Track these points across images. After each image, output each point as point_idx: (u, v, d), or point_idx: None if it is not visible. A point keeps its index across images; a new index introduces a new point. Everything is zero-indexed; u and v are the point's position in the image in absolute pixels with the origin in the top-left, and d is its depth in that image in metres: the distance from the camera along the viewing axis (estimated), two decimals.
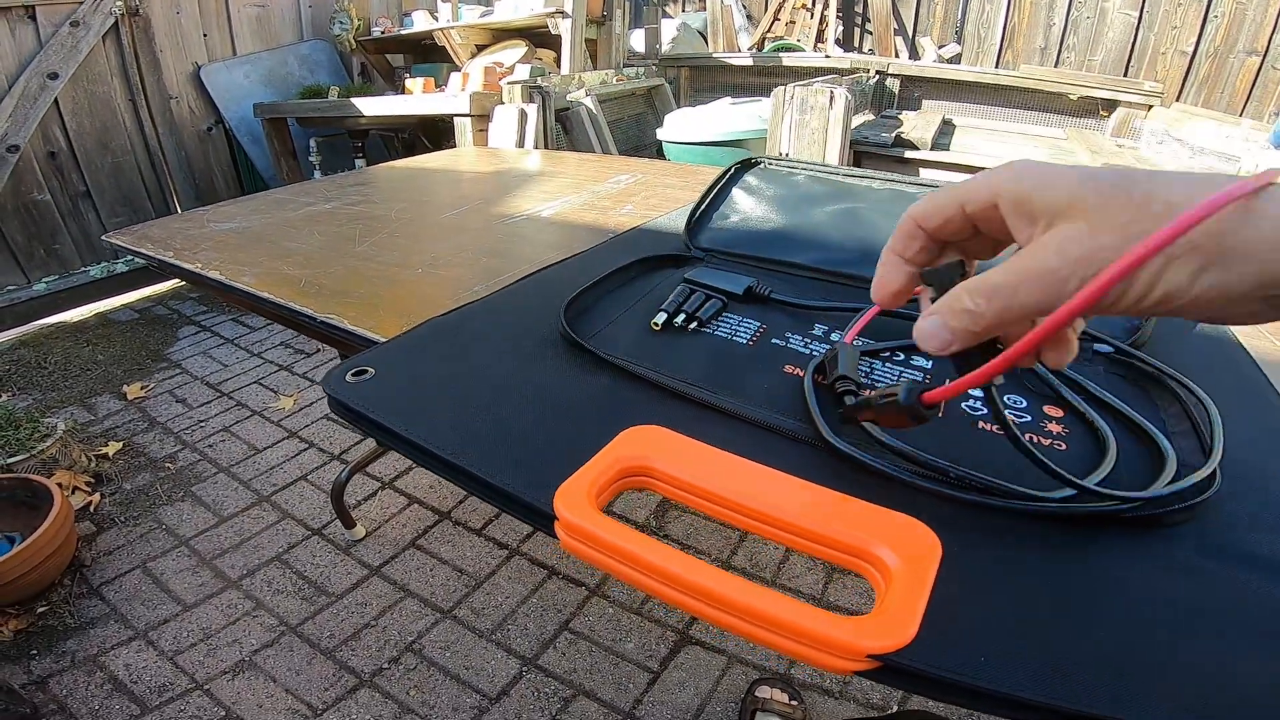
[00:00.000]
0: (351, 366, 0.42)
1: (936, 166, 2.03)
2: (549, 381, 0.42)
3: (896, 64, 3.12)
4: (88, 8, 2.29)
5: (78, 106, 2.36)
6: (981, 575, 0.30)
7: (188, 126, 2.71)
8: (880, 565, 0.29)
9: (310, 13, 3.07)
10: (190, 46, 2.67)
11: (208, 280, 0.70)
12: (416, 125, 2.77)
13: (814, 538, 0.30)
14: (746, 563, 1.34)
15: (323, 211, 0.93)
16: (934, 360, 0.46)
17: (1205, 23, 2.82)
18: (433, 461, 0.35)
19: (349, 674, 1.12)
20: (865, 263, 0.60)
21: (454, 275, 0.66)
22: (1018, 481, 0.34)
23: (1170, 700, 0.24)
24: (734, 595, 0.27)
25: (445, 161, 1.34)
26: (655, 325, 0.49)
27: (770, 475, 0.33)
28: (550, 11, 2.42)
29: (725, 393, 0.41)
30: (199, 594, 1.28)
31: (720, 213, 0.68)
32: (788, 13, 3.85)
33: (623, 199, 0.97)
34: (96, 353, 2.20)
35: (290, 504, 1.52)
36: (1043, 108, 2.88)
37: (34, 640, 1.18)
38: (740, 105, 2.35)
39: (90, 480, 1.56)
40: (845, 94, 1.73)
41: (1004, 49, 3.40)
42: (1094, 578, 0.30)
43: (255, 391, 1.96)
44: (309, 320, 0.58)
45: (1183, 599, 0.29)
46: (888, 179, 0.71)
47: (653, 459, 0.34)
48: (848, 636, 0.25)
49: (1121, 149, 2.33)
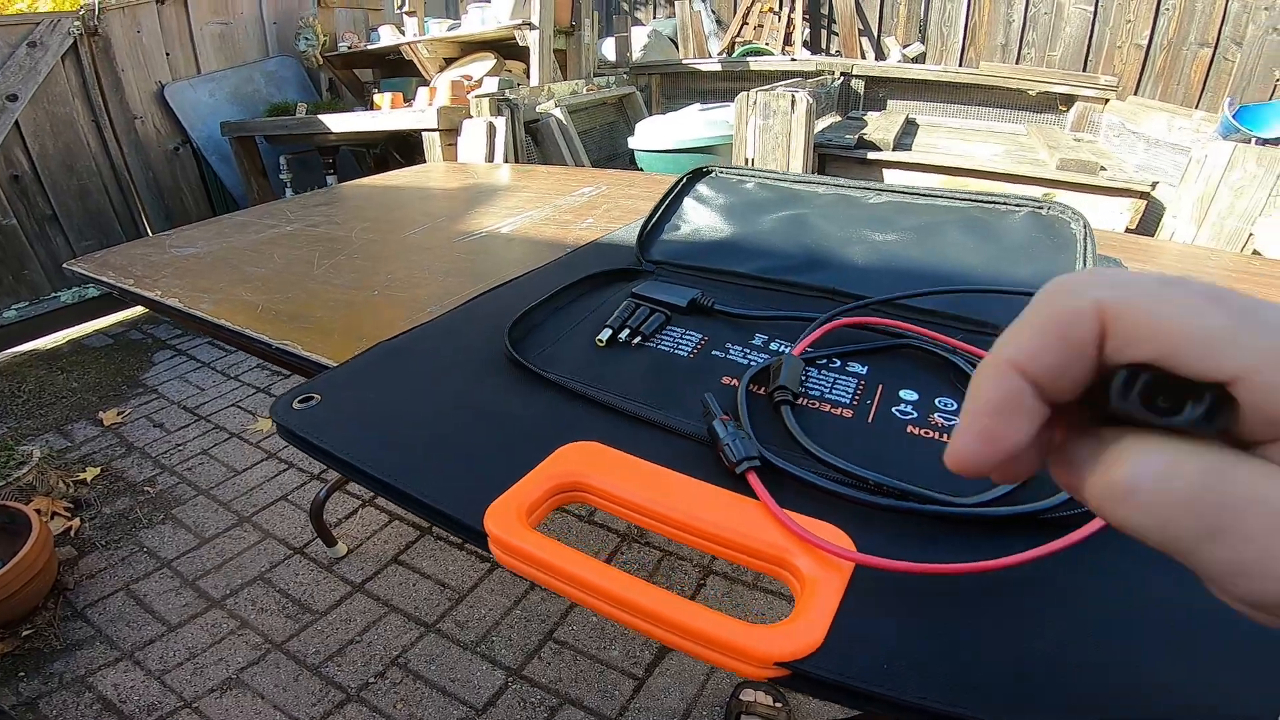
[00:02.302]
0: (298, 394, 0.43)
1: (899, 167, 2.07)
2: (491, 401, 0.43)
3: (860, 65, 3.16)
4: (44, 28, 2.26)
5: (39, 128, 2.33)
6: (893, 581, 0.30)
7: (154, 146, 2.69)
8: (797, 572, 0.30)
9: (275, 29, 3.06)
10: (153, 65, 2.65)
11: (167, 307, 0.71)
12: (388, 140, 2.77)
13: (736, 546, 0.32)
14: (728, 568, 1.35)
15: (284, 234, 0.94)
16: (868, 367, 0.48)
17: (1158, 16, 2.90)
18: (373, 484, 0.36)
19: (336, 689, 1.12)
20: (809, 269, 0.61)
21: (410, 296, 0.67)
22: (948, 486, 0.34)
23: (1073, 704, 0.24)
24: (652, 605, 0.28)
25: (412, 178, 1.35)
26: (600, 341, 0.50)
27: (697, 486, 0.34)
28: (517, 23, 2.43)
29: (666, 406, 0.43)
30: (183, 614, 1.28)
31: (671, 224, 0.69)
32: (755, 16, 3.89)
33: (585, 212, 0.98)
34: (71, 380, 2.18)
35: (271, 524, 1.51)
36: (1004, 104, 2.94)
37: (20, 663, 1.18)
38: (709, 111, 2.37)
39: (69, 505, 1.55)
40: (807, 97, 1.76)
41: (966, 47, 3.47)
42: (1006, 581, 0.30)
43: (233, 414, 1.95)
44: (265, 346, 0.59)
45: (1092, 601, 0.29)
46: (835, 184, 0.73)
47: (587, 474, 0.35)
48: (757, 645, 0.26)
49: (1080, 143, 2.38)
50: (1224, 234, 1.65)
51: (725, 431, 0.37)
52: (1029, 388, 0.15)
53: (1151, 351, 0.14)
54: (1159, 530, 0.14)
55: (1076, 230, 0.62)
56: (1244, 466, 0.13)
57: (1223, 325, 0.13)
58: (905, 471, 0.36)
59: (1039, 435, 0.16)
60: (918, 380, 0.47)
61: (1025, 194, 0.79)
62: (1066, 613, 0.29)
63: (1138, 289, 0.14)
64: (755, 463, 0.35)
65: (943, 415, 0.43)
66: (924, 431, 0.42)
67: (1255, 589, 0.13)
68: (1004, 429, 0.15)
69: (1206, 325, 0.13)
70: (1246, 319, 0.13)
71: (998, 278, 0.58)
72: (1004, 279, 0.58)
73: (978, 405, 0.16)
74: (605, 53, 3.44)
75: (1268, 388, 0.13)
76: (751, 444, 0.36)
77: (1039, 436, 0.16)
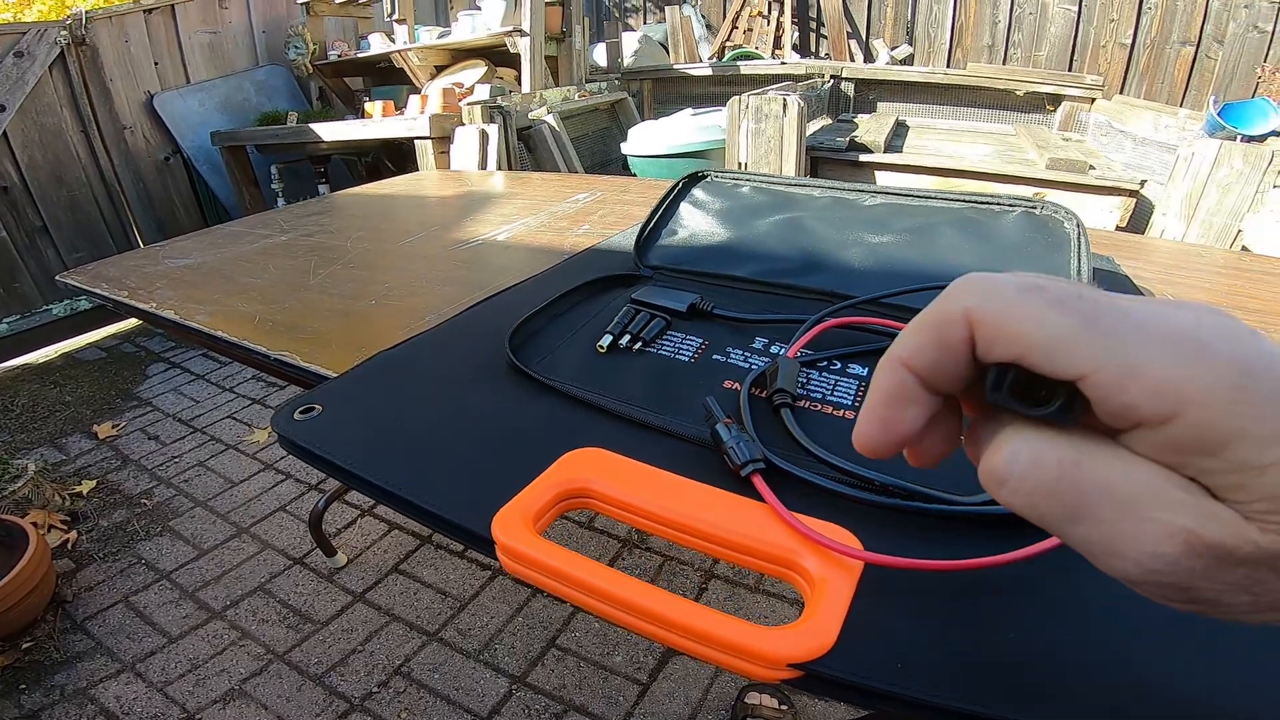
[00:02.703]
0: (299, 404, 0.43)
1: (890, 169, 2.08)
2: (493, 409, 0.43)
3: (850, 68, 3.19)
4: (31, 38, 2.25)
5: (28, 139, 2.32)
6: (903, 581, 0.30)
7: (144, 156, 2.68)
8: (806, 574, 0.30)
9: (265, 38, 3.06)
10: (141, 75, 2.64)
11: (162, 319, 0.70)
12: (379, 148, 2.77)
13: (744, 550, 0.32)
14: (730, 571, 1.35)
15: (279, 244, 0.93)
16: (868, 369, 0.48)
17: (1140, 15, 2.93)
18: (378, 494, 0.36)
19: (339, 699, 1.12)
20: (806, 272, 0.62)
21: (407, 305, 0.67)
22: (955, 486, 0.34)
23: (1086, 701, 0.25)
24: (663, 610, 0.28)
25: (405, 186, 1.35)
26: (601, 348, 0.50)
27: (703, 490, 0.34)
28: (508, 30, 2.44)
29: (668, 410, 0.43)
30: (184, 625, 1.27)
31: (668, 229, 0.70)
32: (745, 20, 3.91)
33: (580, 219, 0.98)
34: (64, 393, 2.16)
35: (270, 535, 1.51)
36: (992, 105, 2.96)
37: (21, 675, 1.18)
38: (701, 116, 2.38)
39: (66, 518, 1.55)
40: (798, 101, 1.77)
41: (954, 48, 3.50)
42: (1016, 578, 0.30)
43: (229, 426, 1.94)
44: (262, 358, 0.59)
45: (1106, 596, 0.29)
46: (829, 186, 0.73)
47: (592, 480, 0.35)
48: (769, 647, 0.26)
49: (1068, 142, 2.40)
50: (1213, 230, 1.66)
51: (729, 435, 0.37)
52: (915, 381, 0.17)
53: (1010, 354, 0.15)
54: (1031, 512, 0.15)
55: (1070, 229, 0.63)
56: (1100, 455, 0.15)
57: (1066, 331, 0.14)
58: (909, 472, 0.36)
59: (940, 422, 0.18)
60: None
61: (1016, 194, 0.80)
62: (1080, 609, 0.29)
63: (997, 297, 0.15)
64: (760, 465, 0.35)
65: None
66: None
67: (1116, 566, 0.14)
68: (896, 416, 0.18)
69: (1051, 331, 0.15)
70: (1089, 325, 0.14)
71: None
72: None
73: (873, 396, 0.18)
74: (596, 59, 3.45)
75: (1107, 385, 0.14)
76: (755, 446, 0.36)
77: (941, 423, 0.18)
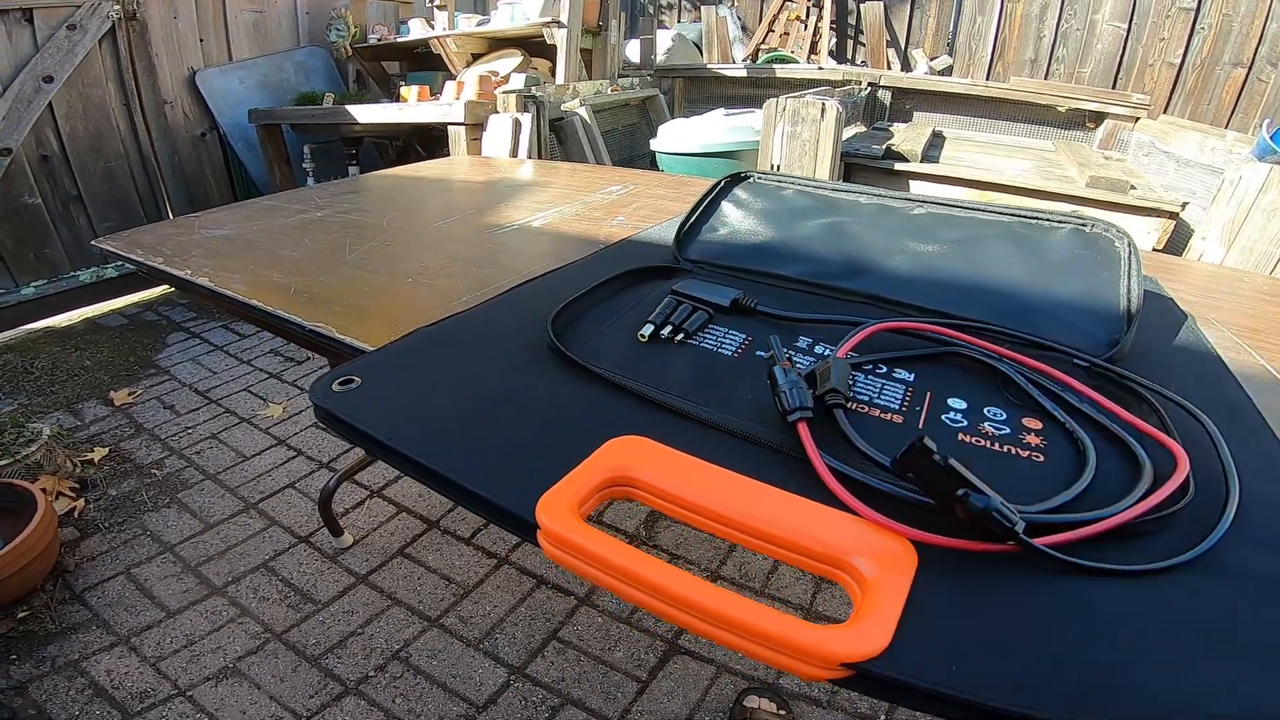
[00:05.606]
0: (338, 375, 0.42)
1: (926, 179, 2.05)
2: (535, 392, 0.42)
3: (888, 76, 3.15)
4: (85, 11, 2.29)
5: (72, 110, 2.36)
6: (956, 585, 0.30)
7: (182, 132, 2.71)
8: (857, 575, 0.29)
9: (307, 19, 3.08)
10: (186, 51, 2.67)
11: (197, 286, 0.70)
12: (411, 133, 2.78)
13: (793, 547, 0.31)
14: (735, 573, 1.34)
15: (314, 219, 0.93)
16: (915, 374, 0.47)
17: (1192, 35, 2.87)
18: (417, 470, 0.36)
19: (335, 682, 1.11)
20: (851, 275, 0.60)
21: (443, 285, 0.67)
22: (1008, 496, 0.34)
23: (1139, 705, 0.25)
24: (713, 603, 0.27)
25: (438, 170, 1.35)
26: (642, 337, 0.49)
27: (750, 485, 0.33)
28: (546, 21, 2.44)
29: (710, 404, 0.42)
30: (183, 600, 1.26)
31: (709, 225, 0.69)
32: (782, 24, 3.89)
33: (614, 209, 0.98)
34: (84, 358, 2.19)
35: (277, 511, 1.51)
36: (1032, 120, 2.91)
37: (13, 645, 1.17)
38: (734, 116, 2.37)
39: (75, 486, 1.55)
40: (837, 106, 1.75)
41: (995, 61, 3.45)
42: (1066, 588, 0.30)
43: (244, 399, 1.95)
44: (297, 328, 0.58)
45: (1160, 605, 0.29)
46: (875, 193, 0.72)
47: (636, 469, 0.34)
48: (822, 645, 0.25)
49: (1109, 161, 2.36)
50: (1254, 256, 1.62)
51: (784, 379, 0.36)
52: None
53: None
54: None
55: (1121, 248, 0.61)
56: None
57: None
58: None
59: None
60: (966, 388, 0.46)
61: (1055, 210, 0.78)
62: (1135, 616, 0.29)
63: None
64: (808, 414, 0.34)
65: (993, 425, 0.42)
66: (975, 440, 0.41)
67: None
68: None
69: None
70: None
71: (1045, 291, 0.57)
72: (1051, 293, 0.57)
73: None
74: (630, 54, 3.45)
75: None
76: (807, 395, 0.35)
77: None
